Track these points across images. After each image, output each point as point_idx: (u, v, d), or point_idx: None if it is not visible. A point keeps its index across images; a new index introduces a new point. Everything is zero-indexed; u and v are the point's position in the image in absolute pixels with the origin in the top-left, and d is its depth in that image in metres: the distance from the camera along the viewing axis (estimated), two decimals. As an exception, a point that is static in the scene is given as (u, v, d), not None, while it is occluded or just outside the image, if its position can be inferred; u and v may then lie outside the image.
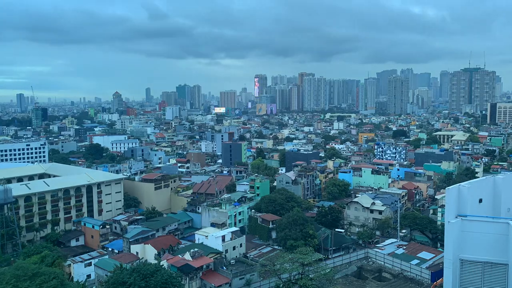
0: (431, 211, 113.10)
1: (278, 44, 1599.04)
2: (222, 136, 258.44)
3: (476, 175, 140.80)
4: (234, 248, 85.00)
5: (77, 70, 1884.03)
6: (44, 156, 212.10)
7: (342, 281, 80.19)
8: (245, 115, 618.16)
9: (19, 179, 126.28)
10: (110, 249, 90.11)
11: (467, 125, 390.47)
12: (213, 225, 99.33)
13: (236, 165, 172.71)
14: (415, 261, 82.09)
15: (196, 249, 75.59)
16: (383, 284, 79.84)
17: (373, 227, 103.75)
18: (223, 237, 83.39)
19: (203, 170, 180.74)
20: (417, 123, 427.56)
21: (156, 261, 69.85)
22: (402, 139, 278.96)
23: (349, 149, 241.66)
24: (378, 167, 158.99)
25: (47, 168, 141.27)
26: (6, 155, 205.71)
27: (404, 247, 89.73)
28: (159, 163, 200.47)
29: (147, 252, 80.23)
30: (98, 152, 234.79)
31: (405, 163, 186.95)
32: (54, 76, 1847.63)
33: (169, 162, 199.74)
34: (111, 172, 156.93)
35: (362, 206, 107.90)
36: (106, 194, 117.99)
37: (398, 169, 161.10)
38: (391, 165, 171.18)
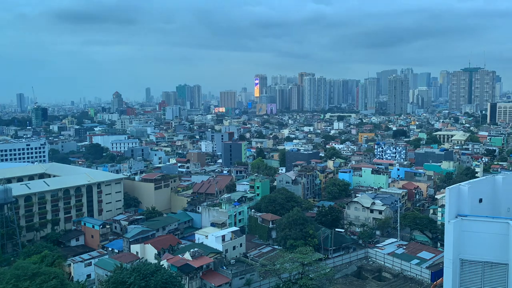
0: (431, 211, 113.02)
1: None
2: (222, 136, 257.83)
3: (476, 175, 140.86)
4: (234, 248, 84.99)
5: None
6: (44, 156, 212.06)
7: (342, 281, 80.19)
8: (245, 115, 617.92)
9: (19, 179, 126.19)
10: (110, 249, 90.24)
11: (467, 125, 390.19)
12: (213, 225, 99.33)
13: (236, 165, 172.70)
14: (415, 261, 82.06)
15: (196, 249, 75.56)
16: (383, 284, 79.81)
17: (373, 227, 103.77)
18: (223, 237, 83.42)
19: (203, 170, 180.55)
20: (417, 123, 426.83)
21: (156, 261, 69.82)
22: (402, 139, 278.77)
23: (349, 149, 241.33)
24: (378, 167, 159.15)
25: (47, 168, 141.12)
26: (6, 155, 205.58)
27: (404, 247, 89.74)
28: (159, 163, 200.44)
29: (147, 252, 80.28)
30: (98, 152, 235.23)
31: (405, 163, 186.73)
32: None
33: (169, 162, 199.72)
34: (111, 172, 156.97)
35: (362, 206, 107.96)
36: (106, 194, 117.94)
37: (398, 169, 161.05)
38: (391, 165, 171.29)
